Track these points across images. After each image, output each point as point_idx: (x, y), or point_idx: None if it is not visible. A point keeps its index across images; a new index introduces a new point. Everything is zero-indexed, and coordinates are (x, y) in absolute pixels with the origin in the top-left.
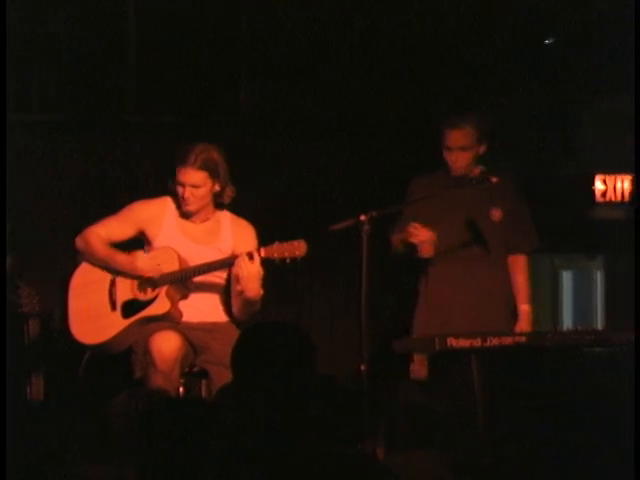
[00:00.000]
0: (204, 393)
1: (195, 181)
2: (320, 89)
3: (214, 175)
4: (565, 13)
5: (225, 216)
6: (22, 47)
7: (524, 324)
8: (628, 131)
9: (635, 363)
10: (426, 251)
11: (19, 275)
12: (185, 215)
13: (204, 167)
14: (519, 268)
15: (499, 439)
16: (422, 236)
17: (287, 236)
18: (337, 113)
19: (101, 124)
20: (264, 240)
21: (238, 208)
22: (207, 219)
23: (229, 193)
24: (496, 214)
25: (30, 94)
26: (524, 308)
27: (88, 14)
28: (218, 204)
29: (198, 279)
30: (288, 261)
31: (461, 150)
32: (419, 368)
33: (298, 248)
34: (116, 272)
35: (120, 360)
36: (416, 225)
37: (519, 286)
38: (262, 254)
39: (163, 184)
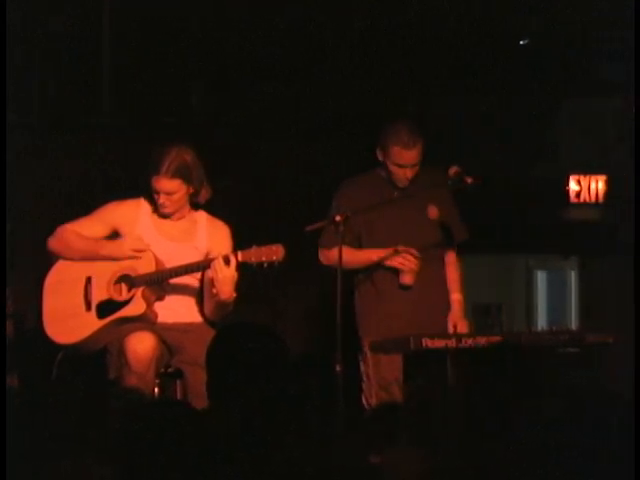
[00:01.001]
0: (179, 393)
1: (169, 189)
2: (315, 89)
3: (188, 180)
4: (565, 13)
5: (201, 216)
6: (22, 47)
7: (456, 313)
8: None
9: (635, 363)
10: (409, 279)
11: None
12: (161, 214)
13: (177, 174)
14: (451, 260)
15: (477, 440)
16: (412, 264)
17: (269, 239)
18: (333, 113)
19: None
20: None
21: (217, 209)
22: (183, 216)
23: (204, 194)
24: (433, 212)
25: (30, 94)
26: (456, 297)
27: (88, 14)
28: (194, 204)
29: (173, 280)
30: (265, 265)
31: (414, 166)
32: (390, 368)
33: (276, 252)
34: (105, 259)
35: (94, 360)
36: (412, 251)
37: (451, 277)
38: (239, 258)
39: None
